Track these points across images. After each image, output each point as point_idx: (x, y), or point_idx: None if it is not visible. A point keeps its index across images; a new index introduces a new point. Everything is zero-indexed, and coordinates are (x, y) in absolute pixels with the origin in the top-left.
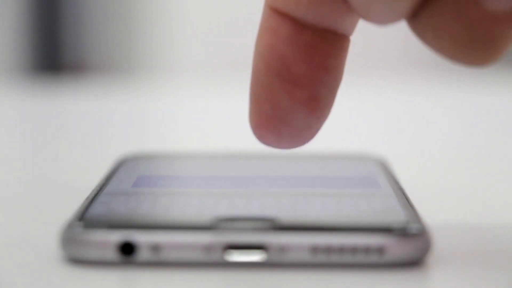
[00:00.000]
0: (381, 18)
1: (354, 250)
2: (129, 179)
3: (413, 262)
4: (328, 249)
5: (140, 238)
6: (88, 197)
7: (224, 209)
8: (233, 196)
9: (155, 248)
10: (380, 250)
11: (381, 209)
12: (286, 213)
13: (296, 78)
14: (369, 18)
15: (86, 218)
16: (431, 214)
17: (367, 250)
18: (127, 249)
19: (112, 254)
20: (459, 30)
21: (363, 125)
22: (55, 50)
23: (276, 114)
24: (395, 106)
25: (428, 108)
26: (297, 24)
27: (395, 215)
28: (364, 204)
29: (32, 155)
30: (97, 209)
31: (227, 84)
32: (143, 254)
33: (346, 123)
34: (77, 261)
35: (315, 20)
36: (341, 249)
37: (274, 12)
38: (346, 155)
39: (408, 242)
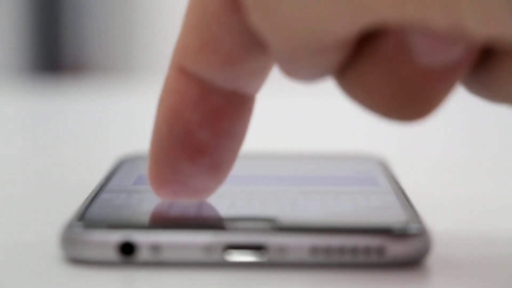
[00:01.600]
0: (304, 75)
1: (354, 250)
2: (129, 178)
3: (413, 262)
4: (328, 249)
5: (140, 238)
6: (88, 197)
7: (224, 209)
8: (233, 196)
9: (155, 248)
10: (380, 250)
11: (381, 209)
12: (286, 213)
13: (199, 145)
14: (292, 75)
15: (86, 218)
16: (431, 214)
17: (367, 250)
18: (127, 249)
19: (112, 254)
20: (390, 88)
21: (363, 125)
22: (55, 50)
23: (175, 178)
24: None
25: None
26: (205, 87)
27: (395, 215)
28: (364, 204)
29: (32, 155)
30: (97, 209)
31: None
32: (143, 254)
33: (346, 123)
34: (77, 261)
35: (225, 81)
36: (341, 249)
37: (181, 73)
38: (346, 155)
39: (408, 242)
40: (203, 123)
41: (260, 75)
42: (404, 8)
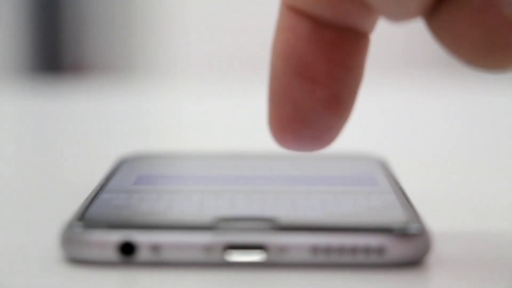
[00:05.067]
0: (395, 15)
1: (354, 250)
2: (129, 178)
3: (413, 262)
4: (328, 249)
5: (140, 238)
6: (88, 197)
7: (224, 209)
8: (233, 196)
9: (155, 248)
10: (380, 250)
11: (381, 209)
12: (286, 213)
13: (317, 77)
14: (384, 14)
15: (86, 218)
16: (431, 214)
17: (367, 250)
18: (127, 249)
19: (112, 254)
20: (477, 34)
21: (363, 125)
22: (55, 50)
23: (297, 116)
24: (395, 106)
25: (428, 108)
26: (316, 23)
27: (395, 215)
28: (364, 204)
29: (32, 155)
30: (97, 209)
31: (227, 84)
32: (143, 254)
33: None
34: (77, 261)
35: (334, 18)
36: (341, 249)
37: (291, 11)
38: (346, 155)
39: (408, 242)
40: (318, 56)
41: (369, 14)
42: None
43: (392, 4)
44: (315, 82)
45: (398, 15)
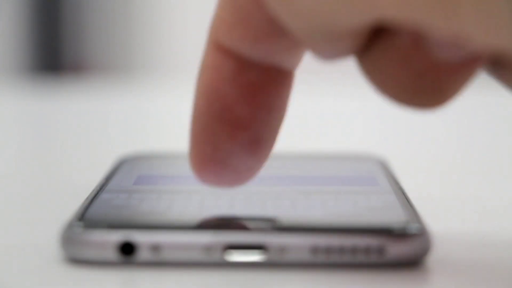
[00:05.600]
0: (326, 53)
1: (354, 250)
2: (129, 178)
3: (413, 262)
4: (328, 249)
5: (140, 238)
6: (88, 197)
7: (224, 209)
8: (233, 196)
9: (155, 248)
10: (380, 250)
11: (381, 209)
12: (286, 213)
13: (238, 120)
14: (315, 53)
15: (86, 218)
16: (431, 214)
17: (367, 250)
18: (127, 249)
19: (112, 254)
20: (406, 77)
21: (363, 125)
22: (55, 50)
23: (216, 157)
24: (395, 106)
25: None
26: (241, 62)
27: (395, 215)
28: (364, 204)
29: (32, 155)
30: (97, 209)
31: None
32: (143, 254)
33: (346, 123)
34: (77, 261)
35: (261, 56)
36: (341, 249)
37: (217, 49)
38: (346, 155)
39: (408, 242)
40: (241, 97)
41: (295, 51)
42: (407, 10)
43: (323, 43)
44: (237, 126)
45: (329, 53)
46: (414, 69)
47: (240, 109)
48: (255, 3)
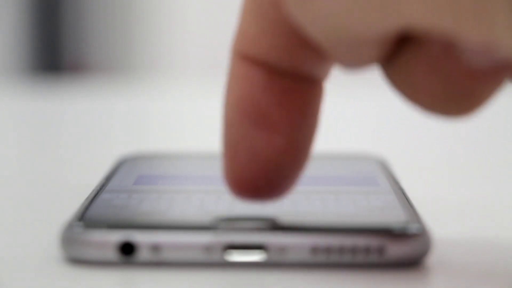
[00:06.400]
0: (351, 63)
1: (354, 250)
2: (129, 178)
3: (413, 262)
4: (328, 249)
5: (140, 238)
6: (88, 197)
7: (224, 209)
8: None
9: (155, 248)
10: (380, 250)
11: (381, 209)
12: (286, 213)
13: (274, 125)
14: (339, 62)
15: (86, 218)
16: (431, 214)
17: (367, 250)
18: (127, 249)
19: (112, 254)
20: (435, 84)
21: (363, 125)
22: (55, 50)
23: (254, 165)
24: (395, 106)
25: None
26: (270, 71)
27: (395, 215)
28: (364, 204)
29: (32, 155)
30: (97, 209)
31: None
32: (143, 254)
33: (346, 123)
34: (77, 261)
35: (288, 66)
36: (341, 249)
37: (244, 59)
38: (346, 155)
39: (408, 242)
40: (274, 103)
41: (322, 61)
42: (436, 18)
43: (348, 52)
44: (274, 131)
45: (354, 63)
46: (443, 76)
47: (275, 114)
48: (279, 13)
